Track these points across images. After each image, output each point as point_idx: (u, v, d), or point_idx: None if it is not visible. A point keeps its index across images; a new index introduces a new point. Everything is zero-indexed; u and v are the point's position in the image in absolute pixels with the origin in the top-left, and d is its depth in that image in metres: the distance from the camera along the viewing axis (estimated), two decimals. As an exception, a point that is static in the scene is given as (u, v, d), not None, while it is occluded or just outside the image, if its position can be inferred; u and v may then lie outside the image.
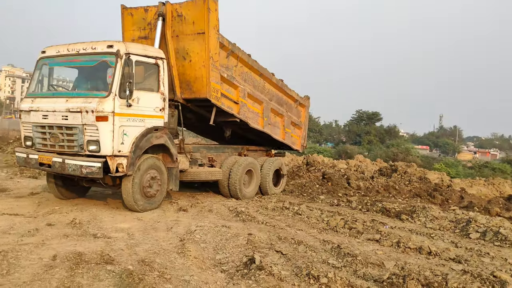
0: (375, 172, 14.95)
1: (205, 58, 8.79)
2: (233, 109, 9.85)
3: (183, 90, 9.23)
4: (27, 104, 8.09)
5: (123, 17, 9.86)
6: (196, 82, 9.02)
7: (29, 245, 5.57)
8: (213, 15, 8.80)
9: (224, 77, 9.43)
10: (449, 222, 8.03)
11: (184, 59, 9.06)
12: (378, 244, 6.54)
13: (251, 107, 10.57)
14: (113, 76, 7.42)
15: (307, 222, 7.78)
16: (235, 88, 9.93)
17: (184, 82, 9.17)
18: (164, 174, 8.36)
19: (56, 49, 8.19)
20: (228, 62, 9.67)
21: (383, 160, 32.92)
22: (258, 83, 10.82)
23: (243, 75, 10.26)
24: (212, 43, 8.82)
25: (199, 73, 8.93)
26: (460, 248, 6.49)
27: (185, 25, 8.96)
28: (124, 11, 9.83)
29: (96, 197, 9.44)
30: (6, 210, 7.66)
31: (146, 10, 9.51)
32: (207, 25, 8.69)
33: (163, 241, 6.19)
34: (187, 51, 9.00)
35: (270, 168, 11.19)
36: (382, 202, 9.84)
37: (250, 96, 10.48)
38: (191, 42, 8.93)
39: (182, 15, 8.96)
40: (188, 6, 8.89)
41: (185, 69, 9.10)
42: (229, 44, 9.52)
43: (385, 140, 66.59)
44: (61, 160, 7.52)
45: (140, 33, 9.66)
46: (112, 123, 7.31)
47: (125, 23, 9.86)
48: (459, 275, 5.01)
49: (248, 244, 6.05)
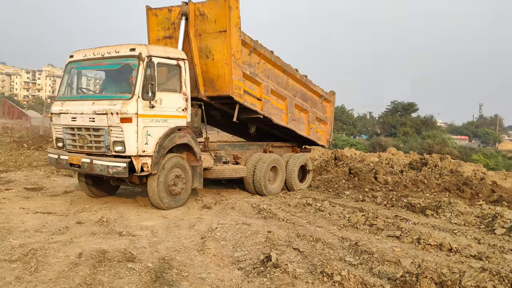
0: (405, 165, 14.73)
1: (227, 56, 8.92)
2: (256, 106, 9.94)
3: (206, 88, 9.39)
4: (57, 107, 8.44)
5: (148, 18, 10.10)
6: (219, 80, 9.16)
7: (58, 243, 5.86)
8: (234, 13, 8.91)
9: (247, 74, 9.53)
10: (474, 217, 7.89)
11: (207, 57, 9.22)
12: (398, 240, 6.52)
13: (275, 104, 10.63)
14: (136, 78, 7.64)
15: (328, 219, 7.82)
16: (258, 85, 10.01)
17: (208, 80, 9.33)
18: (188, 172, 8.56)
19: (83, 53, 8.49)
20: (251, 59, 9.77)
21: (418, 152, 32.30)
22: (281, 79, 10.86)
23: (266, 71, 10.33)
24: (233, 41, 8.94)
25: (222, 71, 9.07)
26: (483, 245, 6.38)
27: (207, 23, 9.11)
28: (149, 12, 10.06)
29: (126, 195, 9.76)
30: (40, 208, 8.06)
31: (170, 10, 9.71)
32: (228, 23, 8.80)
33: (184, 238, 6.37)
34: (210, 49, 9.15)
35: (296, 164, 11.23)
36: (408, 197, 9.72)
37: (274, 93, 10.53)
38: (213, 41, 9.07)
39: (205, 14, 9.11)
40: (210, 5, 9.03)
41: (208, 67, 9.26)
42: (251, 41, 9.61)
43: (421, 131, 65.16)
44: (89, 160, 7.83)
45: (165, 33, 9.88)
46: (136, 124, 7.55)
47: (150, 24, 10.11)
48: (477, 272, 4.96)
49: (267, 241, 6.16)
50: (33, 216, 7.38)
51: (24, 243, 5.80)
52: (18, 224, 6.81)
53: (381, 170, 13.31)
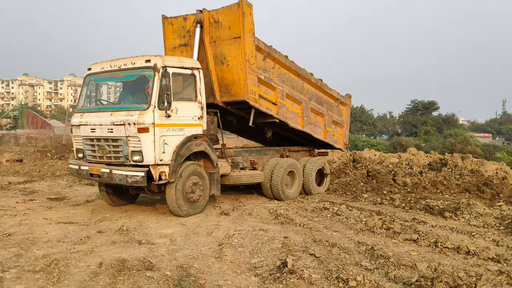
0: (425, 166, 14.57)
1: (241, 61, 9.05)
2: (271, 110, 10.02)
3: (222, 94, 9.53)
4: (77, 119, 8.66)
5: (164, 27, 10.31)
6: (234, 85, 9.29)
7: (79, 253, 6.02)
8: (248, 20, 9.05)
9: (262, 79, 9.63)
10: (494, 219, 7.80)
11: (222, 63, 9.36)
12: (415, 244, 6.50)
13: (290, 108, 10.68)
14: (152, 89, 7.80)
15: (345, 223, 7.83)
16: (273, 89, 10.10)
17: (223, 86, 9.46)
18: (205, 180, 8.67)
19: (101, 66, 8.70)
20: (265, 64, 9.86)
21: (440, 151, 31.86)
22: (296, 84, 10.92)
23: (280, 76, 10.41)
24: (248, 47, 9.07)
25: (237, 76, 9.20)
26: (501, 247, 6.32)
27: (221, 30, 9.26)
28: (165, 21, 10.28)
29: (145, 203, 9.93)
30: (62, 218, 8.27)
31: (185, 19, 9.90)
32: (242, 29, 8.94)
33: (202, 246, 6.47)
34: (225, 55, 9.30)
35: (313, 168, 11.25)
36: (427, 199, 9.65)
37: (289, 97, 10.59)
38: (228, 47, 9.22)
39: (219, 21, 9.27)
40: (224, 12, 9.19)
41: (224, 73, 9.40)
42: (265, 46, 9.71)
43: (443, 130, 64.29)
44: (108, 170, 8.00)
45: (180, 41, 10.07)
46: (153, 133, 7.69)
47: (166, 32, 10.32)
48: (494, 275, 4.93)
49: (283, 247, 6.21)
50: (56, 227, 7.58)
51: (47, 253, 5.98)
52: (42, 234, 7.01)
53: (400, 171, 13.22)
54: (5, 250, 6.07)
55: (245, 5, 8.94)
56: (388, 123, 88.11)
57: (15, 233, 7.07)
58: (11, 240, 6.62)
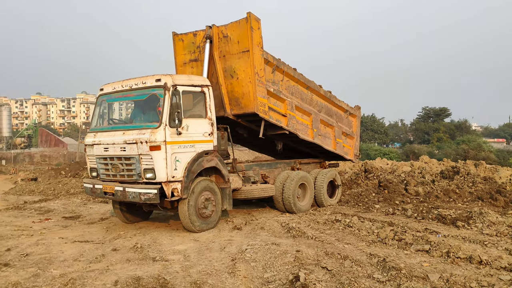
0: (437, 175, 14.52)
1: (250, 74, 9.21)
2: (281, 122, 10.13)
3: (232, 107, 9.67)
4: (90, 139, 8.83)
5: (175, 43, 10.53)
6: (244, 98, 9.44)
7: (95, 272, 6.12)
8: (256, 34, 9.24)
9: (271, 91, 9.77)
10: (507, 227, 7.75)
11: (232, 77, 9.53)
12: (427, 255, 6.50)
13: (300, 119, 10.78)
14: (163, 107, 7.95)
15: (357, 235, 7.84)
16: (282, 101, 10.22)
17: (233, 99, 9.62)
18: (217, 195, 8.77)
19: (112, 86, 8.89)
20: (274, 77, 10.02)
21: (453, 158, 31.64)
22: (305, 96, 11.03)
23: (289, 88, 10.54)
24: (256, 60, 9.24)
25: (246, 89, 9.35)
26: (515, 256, 6.29)
27: (230, 45, 9.45)
28: (175, 37, 10.51)
29: (159, 220, 10.04)
30: (78, 237, 8.40)
31: (195, 35, 10.11)
32: (251, 43, 9.12)
33: (216, 261, 6.53)
34: (234, 69, 9.47)
35: (324, 180, 11.30)
36: (439, 208, 9.62)
37: (298, 109, 10.71)
38: (237, 61, 9.40)
39: (228, 36, 9.46)
40: (233, 27, 9.38)
41: (233, 86, 9.56)
42: (273, 59, 9.87)
43: (456, 136, 63.80)
44: (122, 188, 8.13)
45: (191, 56, 10.28)
46: (164, 151, 7.82)
47: (177, 48, 10.53)
48: (506, 285, 4.92)
49: (295, 261, 6.25)
50: (72, 245, 7.71)
51: (64, 272, 6.09)
52: (58, 254, 7.13)
53: (412, 181, 13.19)
54: (23, 270, 6.20)
55: (253, 19, 9.14)
56: (400, 131, 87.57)
57: (33, 253, 7.21)
58: (29, 260, 6.75)
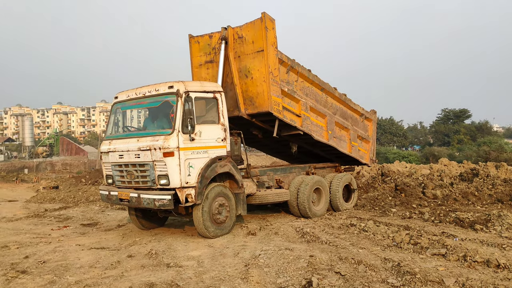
0: (456, 177, 14.28)
1: (265, 73, 9.26)
2: (295, 122, 10.12)
3: (247, 106, 9.71)
4: (106, 146, 8.94)
5: (191, 45, 10.66)
6: (258, 97, 9.48)
7: (110, 278, 6.18)
8: (271, 33, 9.31)
9: (285, 91, 9.80)
10: (526, 229, 7.58)
11: (246, 77, 9.60)
12: (444, 259, 6.38)
13: (314, 120, 10.75)
14: (175, 114, 8.00)
15: (372, 239, 7.76)
16: (296, 102, 10.23)
17: (248, 98, 9.67)
18: (231, 200, 8.77)
19: (126, 94, 9.00)
20: (289, 77, 10.04)
21: (474, 160, 31.09)
22: (320, 98, 11.01)
23: (304, 89, 10.54)
24: (271, 59, 9.29)
25: (260, 88, 9.40)
26: (534, 259, 6.13)
27: (245, 45, 9.55)
28: (192, 39, 10.64)
29: (174, 226, 10.09)
30: (95, 244, 8.50)
31: (211, 37, 10.25)
32: (265, 42, 9.19)
33: (229, 267, 6.53)
34: (249, 69, 9.54)
35: (339, 184, 11.21)
36: (457, 211, 9.46)
37: (313, 110, 10.69)
38: (251, 61, 9.47)
39: (243, 37, 9.56)
40: (248, 28, 9.49)
41: (248, 86, 9.62)
42: (288, 60, 9.90)
43: (476, 138, 62.76)
44: (137, 195, 8.21)
45: (206, 58, 10.41)
46: (178, 157, 7.87)
47: (193, 50, 10.66)
48: (524, 290, 4.80)
49: (309, 266, 6.21)
50: (88, 252, 7.80)
51: (80, 279, 6.16)
52: (74, 260, 7.22)
53: (430, 184, 12.98)
54: (40, 278, 6.29)
55: (268, 19, 9.24)
56: (419, 133, 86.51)
57: (50, 260, 7.32)
58: (46, 267, 6.85)
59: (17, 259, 7.40)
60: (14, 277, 6.32)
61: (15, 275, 6.40)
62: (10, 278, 6.28)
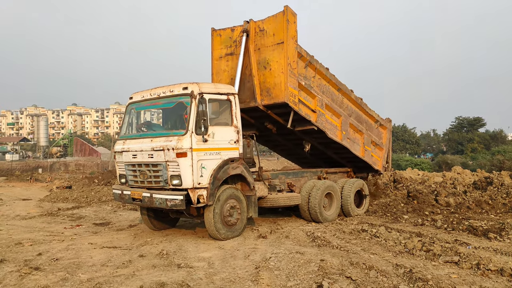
0: (469, 185, 14.11)
1: (283, 65, 9.36)
2: (310, 117, 10.14)
3: (263, 97, 9.77)
4: (120, 146, 9.02)
5: (213, 38, 10.85)
6: (275, 88, 9.55)
7: (121, 277, 6.22)
8: (292, 27, 9.47)
9: (302, 84, 9.85)
10: (541, 239, 7.46)
11: (265, 68, 9.70)
12: (456, 266, 6.31)
13: (329, 119, 10.75)
14: (189, 115, 8.06)
15: (384, 245, 7.70)
16: (312, 97, 10.27)
17: (265, 89, 9.75)
18: (243, 203, 8.78)
19: (141, 95, 9.08)
20: (306, 72, 10.10)
21: (488, 169, 30.68)
22: (336, 97, 11.02)
23: (321, 87, 10.57)
24: (290, 51, 9.42)
25: (278, 79, 9.49)
26: (549, 269, 6.03)
27: (266, 38, 9.71)
28: (214, 33, 10.84)
29: (185, 227, 10.14)
30: (107, 243, 8.57)
31: (233, 30, 10.45)
32: (285, 35, 9.33)
33: (239, 269, 6.53)
34: (268, 61, 9.66)
35: (351, 190, 11.16)
36: (470, 219, 9.35)
37: (328, 108, 10.71)
38: (271, 53, 9.61)
39: (264, 30, 9.74)
40: (270, 21, 9.68)
41: (266, 77, 9.71)
42: (307, 55, 9.98)
43: (491, 146, 62.02)
44: (149, 194, 8.26)
45: (227, 50, 10.57)
46: (190, 158, 7.91)
47: (214, 43, 10.84)
48: (539, 299, 4.73)
49: (319, 270, 6.18)
50: (100, 251, 7.86)
51: (91, 277, 6.22)
52: (87, 259, 7.29)
53: (443, 191, 12.85)
54: (53, 275, 6.36)
55: (289, 13, 9.40)
56: (432, 141, 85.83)
57: (62, 257, 7.39)
58: (58, 265, 6.92)
59: (30, 256, 7.50)
60: (27, 274, 6.40)
61: (28, 272, 6.48)
62: (24, 274, 6.36)
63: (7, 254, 7.67)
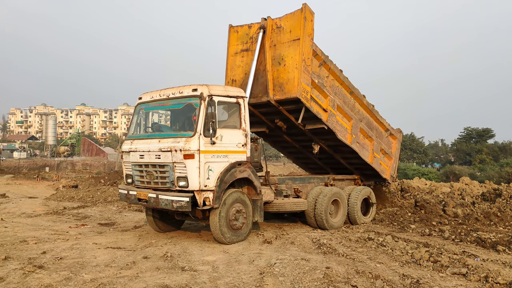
0: (478, 197, 13.97)
1: (298, 60, 9.38)
2: (321, 115, 10.10)
3: (275, 92, 9.78)
4: (127, 146, 9.00)
5: (230, 34, 10.97)
6: (288, 83, 9.55)
7: (125, 278, 6.17)
8: (309, 24, 9.54)
9: (315, 82, 9.83)
10: (552, 253, 7.33)
11: (279, 64, 9.74)
12: (464, 278, 6.20)
13: (340, 120, 10.70)
14: (198, 116, 8.02)
15: (390, 255, 7.60)
16: (325, 96, 10.24)
17: (278, 84, 9.77)
18: (249, 207, 8.72)
19: (150, 95, 9.07)
20: (320, 71, 10.09)
21: (496, 181, 30.42)
22: (348, 100, 10.98)
23: (333, 87, 10.56)
24: (305, 48, 9.46)
25: (292, 75, 9.50)
26: (559, 283, 5.91)
27: (282, 34, 9.79)
28: (231, 29, 10.96)
29: (190, 230, 10.08)
30: (111, 243, 8.53)
31: (250, 27, 10.56)
32: (302, 32, 9.38)
33: (244, 274, 6.46)
34: (283, 56, 9.71)
35: (358, 197, 11.07)
36: (478, 231, 9.23)
37: (340, 109, 10.65)
38: (286, 49, 9.67)
39: (281, 27, 9.83)
40: (287, 18, 9.76)
41: (280, 73, 9.74)
42: (322, 54, 9.99)
43: (499, 158, 61.54)
44: (155, 195, 8.22)
45: (243, 47, 10.68)
46: (198, 160, 7.87)
47: (231, 39, 10.95)
48: (549, 315, 4.62)
49: (325, 278, 6.10)
50: (104, 251, 7.83)
51: (95, 277, 6.17)
52: (91, 259, 7.25)
53: (451, 202, 12.73)
54: (56, 274, 6.32)
55: (307, 11, 9.47)
56: (440, 151, 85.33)
57: (67, 257, 7.36)
58: (62, 264, 6.89)
59: (34, 254, 7.47)
60: (31, 272, 6.37)
61: (32, 270, 6.45)
62: (27, 272, 6.33)
63: (12, 252, 7.66)
